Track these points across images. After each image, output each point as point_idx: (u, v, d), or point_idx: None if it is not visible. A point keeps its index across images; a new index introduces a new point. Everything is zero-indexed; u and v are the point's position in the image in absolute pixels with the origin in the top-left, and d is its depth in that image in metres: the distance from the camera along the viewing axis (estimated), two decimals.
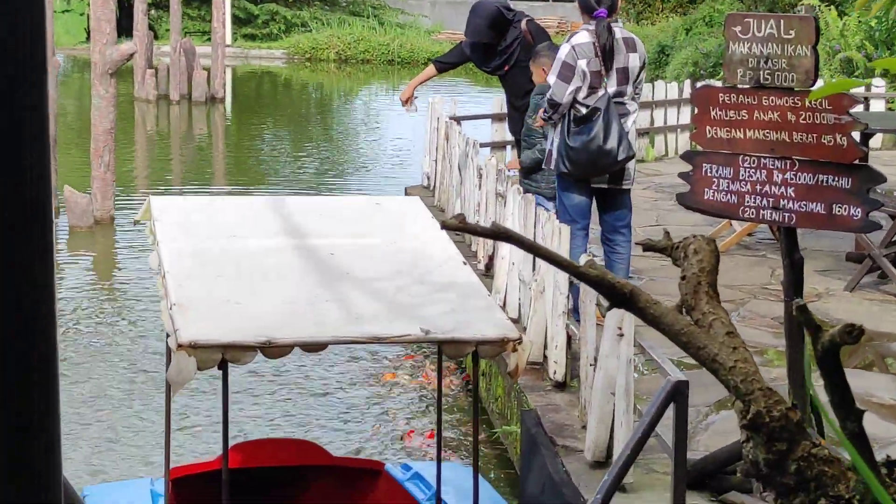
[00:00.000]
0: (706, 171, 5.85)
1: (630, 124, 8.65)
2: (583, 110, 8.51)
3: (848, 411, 3.05)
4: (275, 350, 5.00)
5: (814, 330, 2.98)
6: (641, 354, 6.39)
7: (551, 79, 8.58)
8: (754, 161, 5.72)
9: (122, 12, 27.92)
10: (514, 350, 5.19)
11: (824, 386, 3.06)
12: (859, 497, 3.04)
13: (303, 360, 9.95)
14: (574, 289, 7.75)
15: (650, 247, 3.63)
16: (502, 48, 10.88)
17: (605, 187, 8.69)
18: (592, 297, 7.03)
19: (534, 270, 8.44)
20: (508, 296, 9.18)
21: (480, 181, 10.73)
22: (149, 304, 11.64)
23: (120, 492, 6.62)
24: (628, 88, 8.63)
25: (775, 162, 5.66)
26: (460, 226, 3.32)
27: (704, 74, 21.20)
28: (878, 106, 16.81)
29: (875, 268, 9.91)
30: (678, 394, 4.94)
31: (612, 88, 8.54)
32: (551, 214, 8.30)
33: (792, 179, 5.63)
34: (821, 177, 5.56)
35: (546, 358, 8.02)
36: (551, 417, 7.35)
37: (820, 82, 5.69)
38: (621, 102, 8.58)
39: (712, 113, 5.81)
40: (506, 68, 10.99)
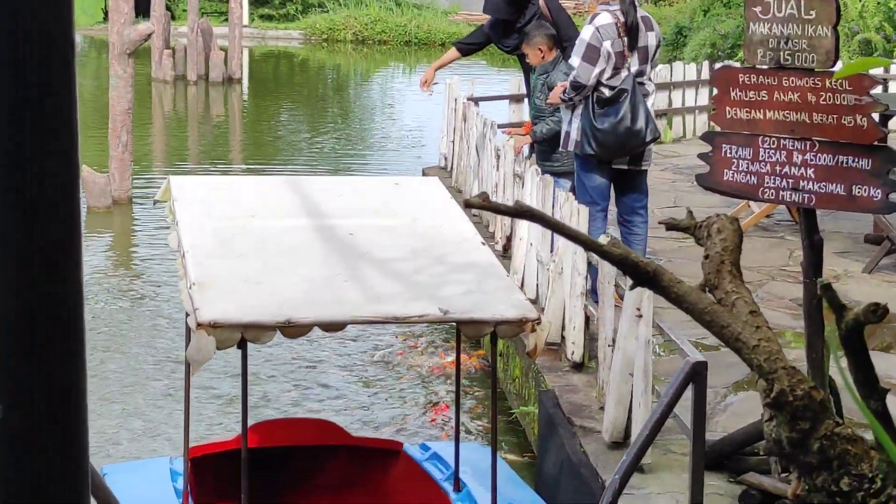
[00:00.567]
0: (726, 152, 5.84)
1: (650, 104, 8.66)
2: (606, 92, 8.50)
3: (872, 390, 3.05)
4: (294, 329, 5.01)
5: (838, 309, 2.97)
6: (660, 335, 6.39)
7: (575, 61, 8.55)
8: (774, 142, 5.70)
9: None
10: (533, 330, 5.19)
11: (848, 365, 3.06)
12: (882, 476, 3.03)
13: (322, 339, 9.97)
14: (592, 270, 7.75)
15: (673, 226, 3.62)
16: (521, 25, 10.85)
17: (626, 168, 8.69)
18: (611, 278, 7.02)
19: (552, 251, 8.44)
20: (526, 277, 9.18)
21: (498, 162, 10.72)
22: (167, 284, 11.67)
23: (139, 470, 6.64)
24: (648, 67, 8.66)
25: (795, 143, 5.64)
26: (484, 204, 3.32)
27: (722, 56, 21.14)
28: None
29: (893, 249, 9.88)
30: (696, 375, 4.93)
31: (634, 68, 8.55)
32: (570, 195, 8.30)
33: (812, 160, 5.61)
34: (841, 158, 5.54)
35: (564, 339, 8.02)
36: (569, 398, 7.35)
37: (839, 64, 5.65)
38: (641, 83, 8.59)
39: (732, 94, 5.79)
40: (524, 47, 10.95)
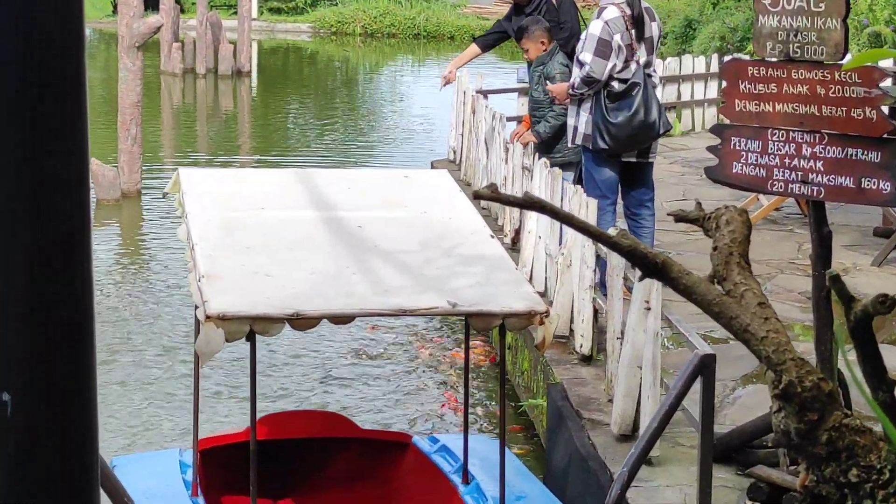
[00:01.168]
0: (734, 145, 5.83)
1: (658, 95, 8.69)
2: (617, 85, 8.51)
3: (880, 381, 3.04)
4: (303, 322, 5.02)
5: (847, 301, 2.97)
6: (668, 328, 6.38)
7: (587, 56, 8.54)
8: (783, 134, 5.69)
9: None
10: (542, 323, 5.19)
11: (857, 357, 3.05)
12: (891, 467, 3.03)
13: (331, 331, 9.97)
14: (601, 262, 7.75)
15: (682, 217, 3.62)
16: (528, 12, 10.87)
17: (634, 161, 8.71)
18: (620, 270, 7.02)
19: (560, 244, 8.44)
20: (535, 269, 9.18)
21: (507, 155, 10.71)
22: (176, 276, 11.68)
23: (149, 462, 6.65)
24: (653, 58, 8.69)
25: (804, 135, 5.63)
26: (493, 196, 3.32)
27: (731, 49, 21.09)
28: None
29: None
30: (705, 368, 4.93)
31: (642, 59, 8.57)
32: (578, 188, 8.30)
33: (821, 153, 5.60)
34: (850, 150, 5.53)
35: (572, 331, 8.02)
36: (577, 391, 7.36)
37: (848, 56, 5.64)
38: (649, 74, 8.62)
39: (741, 86, 5.79)
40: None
